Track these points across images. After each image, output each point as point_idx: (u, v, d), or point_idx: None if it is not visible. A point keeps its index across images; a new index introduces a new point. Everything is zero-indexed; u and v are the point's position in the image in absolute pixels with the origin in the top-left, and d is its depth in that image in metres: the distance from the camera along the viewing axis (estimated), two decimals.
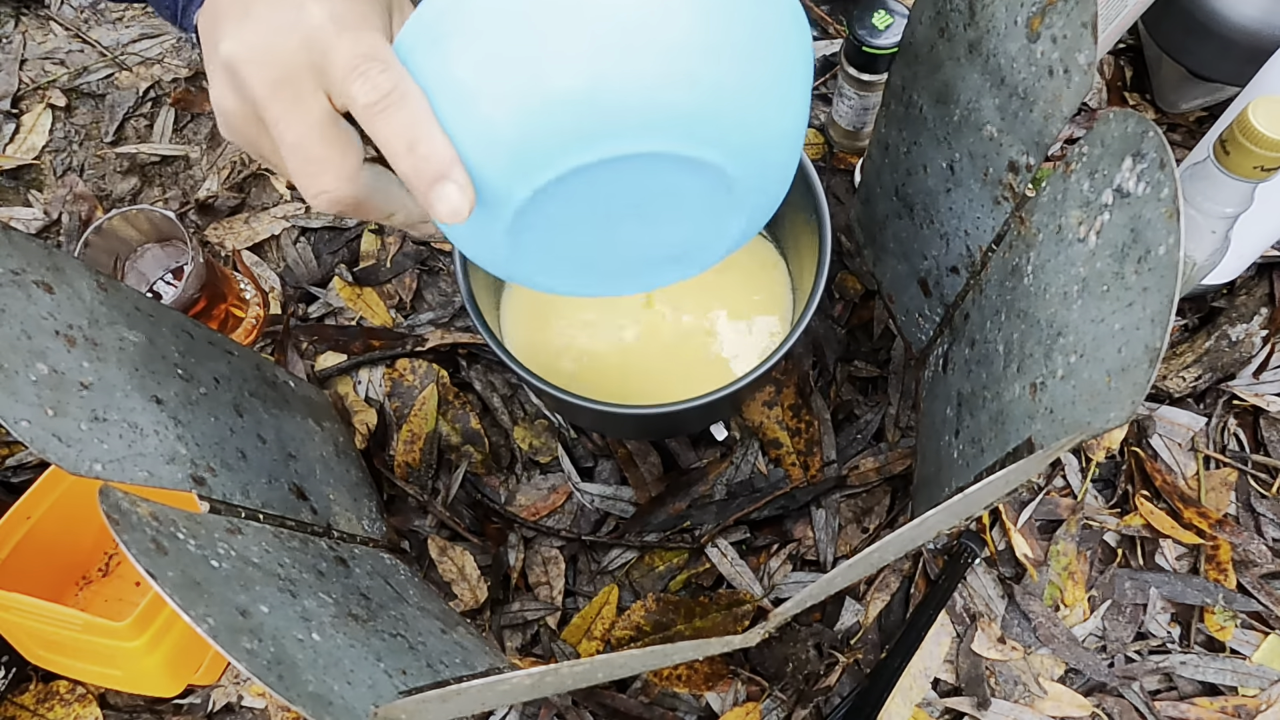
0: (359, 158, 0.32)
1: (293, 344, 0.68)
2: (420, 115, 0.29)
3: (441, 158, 0.29)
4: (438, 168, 0.29)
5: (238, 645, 0.32)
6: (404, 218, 0.36)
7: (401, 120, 0.29)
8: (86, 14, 0.82)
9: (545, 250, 0.35)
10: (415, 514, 0.64)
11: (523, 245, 0.34)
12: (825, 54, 0.77)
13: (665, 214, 0.35)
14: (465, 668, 0.47)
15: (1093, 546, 0.62)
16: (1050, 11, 0.37)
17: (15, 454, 0.65)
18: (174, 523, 0.37)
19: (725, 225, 0.37)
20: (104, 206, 0.74)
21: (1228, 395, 0.65)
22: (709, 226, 0.37)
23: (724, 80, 0.30)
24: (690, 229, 0.37)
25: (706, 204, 0.35)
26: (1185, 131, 0.74)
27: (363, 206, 0.33)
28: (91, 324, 0.40)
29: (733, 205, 0.35)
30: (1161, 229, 0.32)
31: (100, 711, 0.59)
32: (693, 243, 0.38)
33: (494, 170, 0.31)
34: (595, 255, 0.37)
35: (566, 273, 0.38)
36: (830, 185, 0.73)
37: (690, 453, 0.65)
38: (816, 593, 0.33)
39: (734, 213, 0.36)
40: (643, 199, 0.33)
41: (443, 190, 0.29)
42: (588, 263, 0.38)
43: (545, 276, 0.38)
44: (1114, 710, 0.58)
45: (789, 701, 0.58)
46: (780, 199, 0.38)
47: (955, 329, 0.52)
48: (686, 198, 0.34)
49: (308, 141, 0.31)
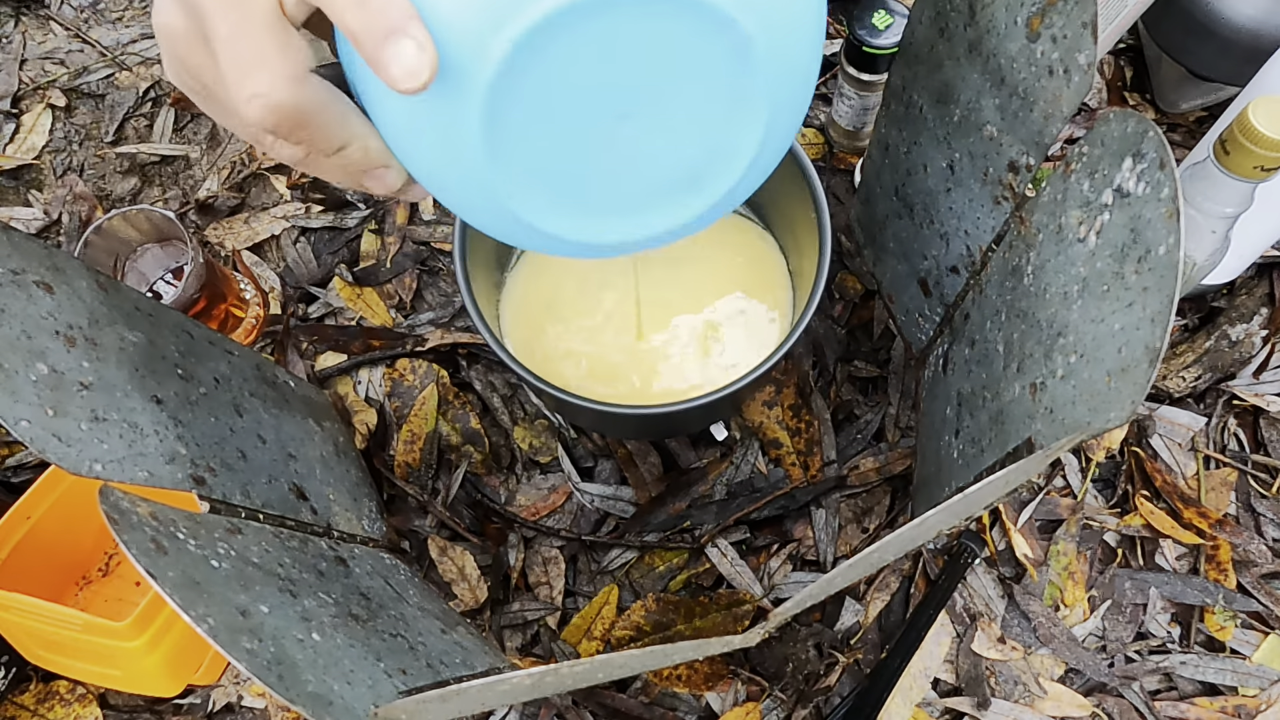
0: (304, 62, 0.28)
1: (293, 344, 0.68)
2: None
3: (395, 9, 0.25)
4: (390, 20, 0.25)
5: (238, 645, 0.32)
6: (360, 156, 0.30)
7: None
8: (86, 14, 0.82)
9: (531, 156, 0.29)
10: (415, 514, 0.64)
11: (503, 145, 0.28)
12: (825, 54, 0.77)
13: (672, 104, 0.29)
14: (465, 668, 0.47)
15: (1093, 546, 0.62)
16: (1050, 11, 0.37)
17: (15, 454, 0.65)
18: (174, 523, 0.37)
19: (742, 125, 0.31)
20: (104, 206, 0.74)
21: (1228, 395, 0.65)
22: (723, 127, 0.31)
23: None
24: (701, 132, 0.31)
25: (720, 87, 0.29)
26: (1185, 131, 0.74)
27: (306, 125, 0.28)
28: (91, 324, 0.40)
29: (751, 90, 0.29)
30: (1161, 229, 0.32)
31: (100, 711, 0.59)
32: (704, 156, 0.32)
33: (463, 24, 0.26)
34: (592, 170, 0.31)
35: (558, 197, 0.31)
36: (830, 185, 0.73)
37: (690, 453, 0.65)
38: (816, 593, 0.33)
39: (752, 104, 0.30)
40: (644, 74, 0.28)
41: (397, 47, 0.25)
42: (583, 183, 0.31)
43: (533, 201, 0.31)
44: (1114, 710, 0.58)
45: (789, 701, 0.58)
46: (805, 102, 0.33)
47: (955, 329, 0.52)
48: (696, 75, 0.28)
49: (243, 33, 0.27)
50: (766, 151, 0.32)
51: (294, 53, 0.27)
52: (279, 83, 0.27)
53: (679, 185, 0.32)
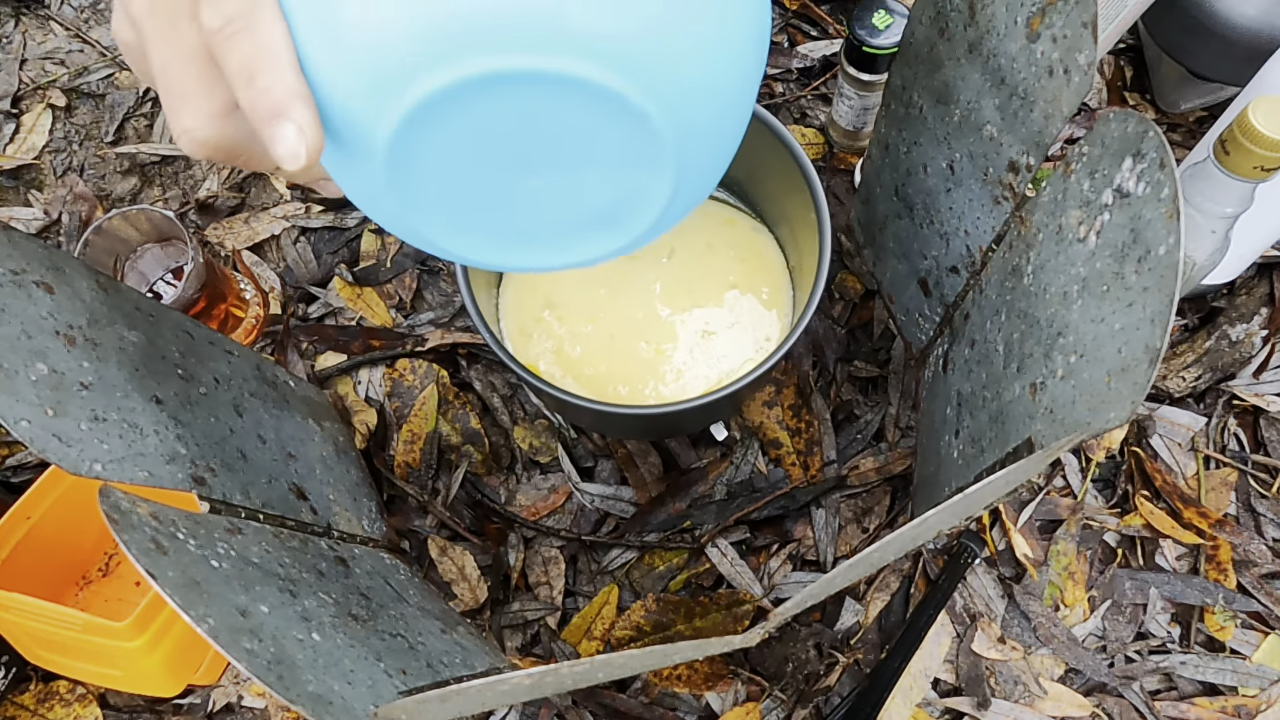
0: (229, 97, 0.28)
1: (293, 344, 0.68)
2: (266, 42, 0.26)
3: (281, 91, 0.26)
4: (274, 102, 0.26)
5: (238, 645, 0.32)
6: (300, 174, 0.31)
7: (245, 49, 0.26)
8: (86, 14, 0.82)
9: (437, 203, 0.30)
10: (415, 514, 0.64)
11: (409, 195, 0.29)
12: (825, 54, 0.77)
13: (572, 161, 0.30)
14: (465, 668, 0.47)
15: (1093, 546, 0.62)
16: (1050, 11, 0.37)
17: (15, 454, 0.65)
18: (174, 523, 0.37)
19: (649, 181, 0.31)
20: (104, 206, 0.74)
21: (1228, 395, 0.65)
22: (629, 181, 0.31)
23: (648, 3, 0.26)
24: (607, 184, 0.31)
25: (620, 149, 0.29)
26: (1185, 131, 0.74)
27: (237, 154, 0.29)
28: (91, 324, 0.40)
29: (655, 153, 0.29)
30: (1161, 229, 0.32)
31: (100, 711, 0.59)
32: (613, 205, 0.32)
33: (355, 101, 0.26)
34: (499, 214, 0.31)
35: (469, 233, 0.32)
36: (830, 185, 0.73)
37: (690, 453, 0.65)
38: (816, 593, 0.33)
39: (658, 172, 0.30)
40: (539, 137, 0.28)
41: (278, 130, 0.26)
42: (492, 222, 0.32)
43: (445, 235, 0.32)
44: (1114, 710, 0.58)
45: (789, 701, 0.58)
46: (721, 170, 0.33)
47: (955, 329, 0.52)
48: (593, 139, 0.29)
49: (172, 70, 0.28)
50: (681, 197, 0.32)
51: (219, 91, 0.28)
52: (202, 120, 0.28)
53: (590, 225, 0.33)
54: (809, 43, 0.78)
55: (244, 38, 0.26)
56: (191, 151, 0.28)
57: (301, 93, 0.26)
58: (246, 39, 0.26)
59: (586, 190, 0.31)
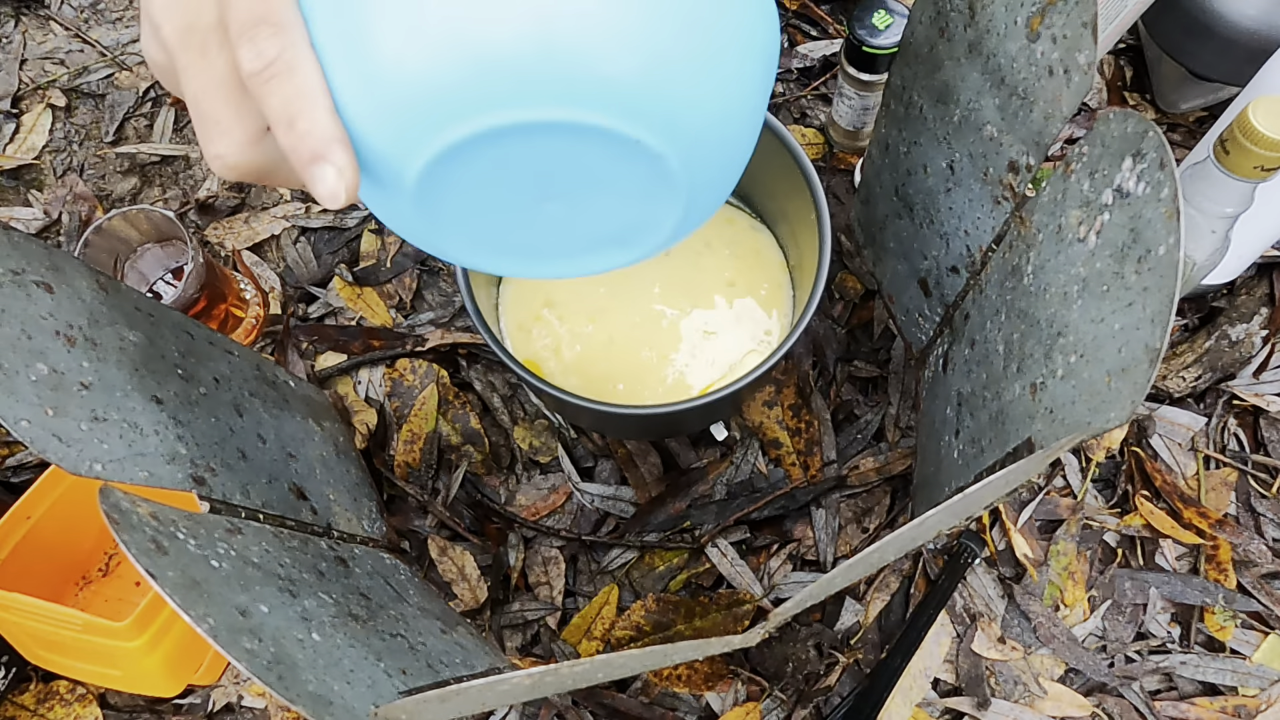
0: (259, 125, 0.29)
1: (293, 344, 0.68)
2: (305, 87, 0.27)
3: (320, 136, 0.27)
4: (314, 147, 0.27)
5: (238, 645, 0.32)
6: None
7: (284, 93, 0.27)
8: (86, 14, 0.82)
9: (462, 226, 0.33)
10: (415, 514, 0.64)
11: (436, 219, 0.32)
12: (825, 54, 0.77)
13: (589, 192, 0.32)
14: (465, 668, 0.47)
15: (1093, 546, 0.62)
16: (1050, 11, 0.37)
17: (15, 454, 0.65)
18: (174, 523, 0.37)
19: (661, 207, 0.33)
20: (104, 206, 0.74)
21: (1228, 395, 0.65)
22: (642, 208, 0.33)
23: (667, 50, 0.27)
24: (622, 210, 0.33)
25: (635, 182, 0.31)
26: (1185, 131, 0.74)
27: (267, 177, 0.31)
28: (91, 324, 0.40)
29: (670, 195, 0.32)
30: (1161, 229, 0.32)
31: (100, 711, 0.59)
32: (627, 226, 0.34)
33: (385, 145, 0.28)
34: (520, 234, 0.34)
35: (491, 251, 0.35)
36: (830, 185, 0.73)
37: (690, 453, 0.65)
38: (816, 593, 0.33)
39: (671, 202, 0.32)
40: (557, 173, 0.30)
41: (319, 172, 0.27)
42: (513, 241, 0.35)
43: (468, 254, 0.35)
44: (1114, 710, 0.58)
45: (789, 701, 0.58)
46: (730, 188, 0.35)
47: (955, 329, 0.52)
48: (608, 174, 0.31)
49: (205, 99, 0.29)
50: (690, 217, 0.34)
51: (250, 118, 0.29)
52: (234, 147, 0.29)
53: (605, 243, 0.35)
54: (809, 43, 0.78)
55: (283, 81, 0.27)
56: (223, 174, 0.30)
57: (339, 136, 0.27)
58: (286, 83, 0.27)
59: (601, 215, 0.33)
